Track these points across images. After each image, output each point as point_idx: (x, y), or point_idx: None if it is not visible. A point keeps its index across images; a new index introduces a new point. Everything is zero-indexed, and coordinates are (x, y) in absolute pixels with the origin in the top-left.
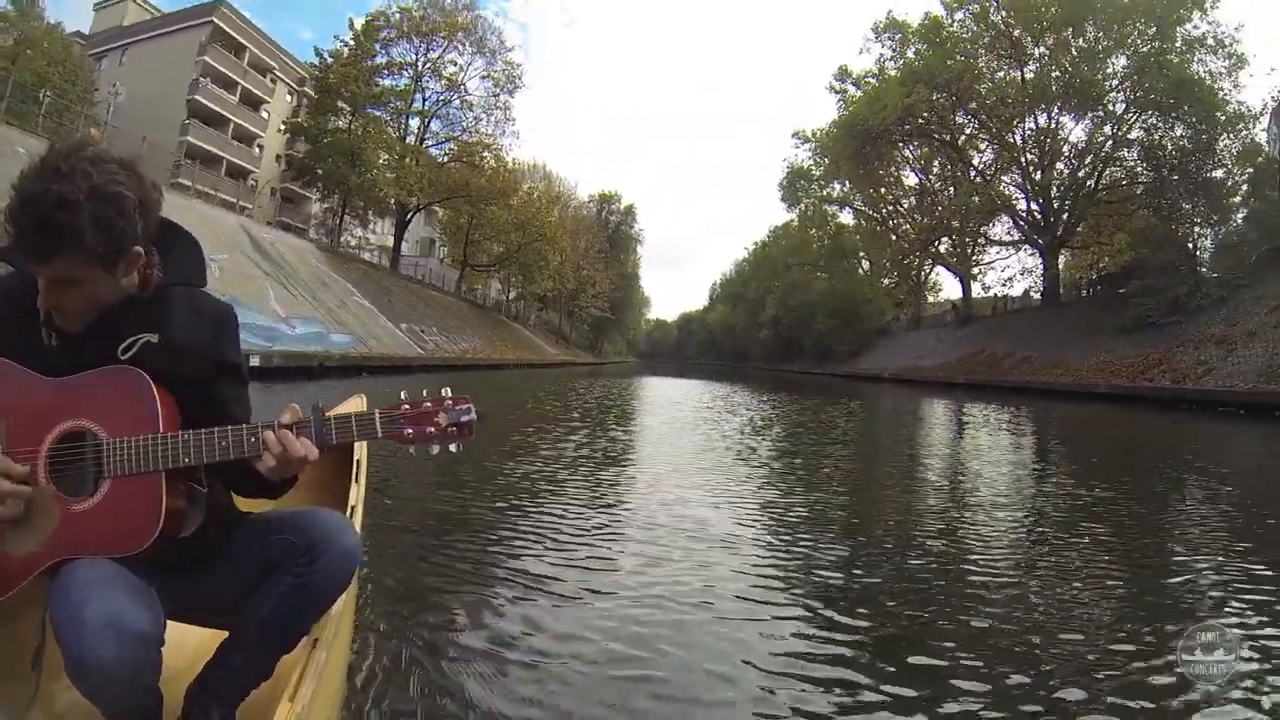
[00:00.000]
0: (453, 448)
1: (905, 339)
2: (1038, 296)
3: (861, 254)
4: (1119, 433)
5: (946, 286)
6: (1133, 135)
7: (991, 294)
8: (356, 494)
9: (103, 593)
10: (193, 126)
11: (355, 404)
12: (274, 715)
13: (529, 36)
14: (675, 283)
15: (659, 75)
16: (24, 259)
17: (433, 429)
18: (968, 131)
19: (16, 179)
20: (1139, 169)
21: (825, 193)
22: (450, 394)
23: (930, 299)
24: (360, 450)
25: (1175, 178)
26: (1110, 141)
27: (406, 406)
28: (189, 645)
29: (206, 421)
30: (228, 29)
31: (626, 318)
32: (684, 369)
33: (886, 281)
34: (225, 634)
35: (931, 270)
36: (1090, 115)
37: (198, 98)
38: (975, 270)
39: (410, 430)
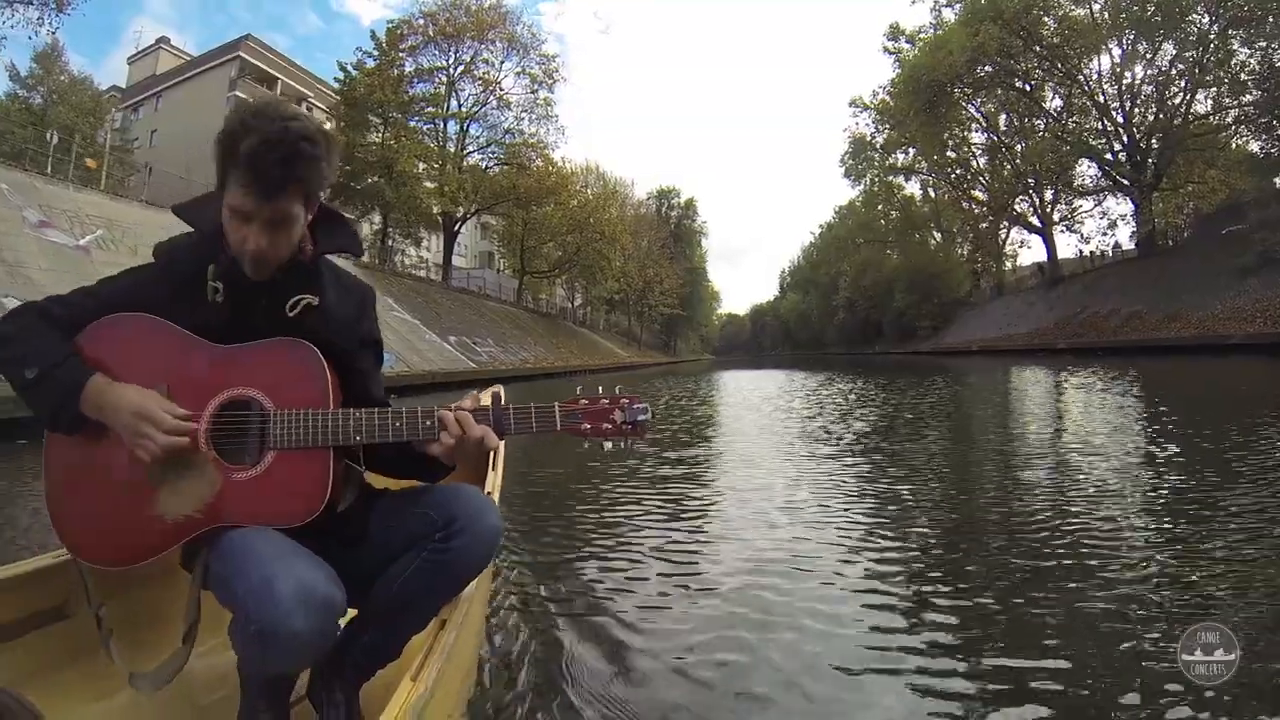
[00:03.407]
0: (624, 445)
1: (991, 308)
2: (1131, 247)
3: (932, 225)
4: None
5: (1025, 251)
6: (1218, 57)
7: (1078, 251)
8: (494, 481)
9: (290, 564)
10: None
11: (472, 400)
12: (396, 693)
13: (565, 47)
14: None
15: (692, 79)
16: (257, 197)
17: (609, 425)
18: (1038, 76)
19: (233, 129)
20: (1229, 93)
21: (890, 162)
22: (625, 393)
23: (1009, 265)
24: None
25: None
26: (1196, 67)
27: (585, 402)
28: None
29: (348, 397)
30: (256, 62)
31: (698, 313)
32: (760, 360)
33: (964, 250)
34: (354, 612)
35: (1008, 234)
36: (1171, 40)
37: None
38: (1061, 226)
39: (588, 425)
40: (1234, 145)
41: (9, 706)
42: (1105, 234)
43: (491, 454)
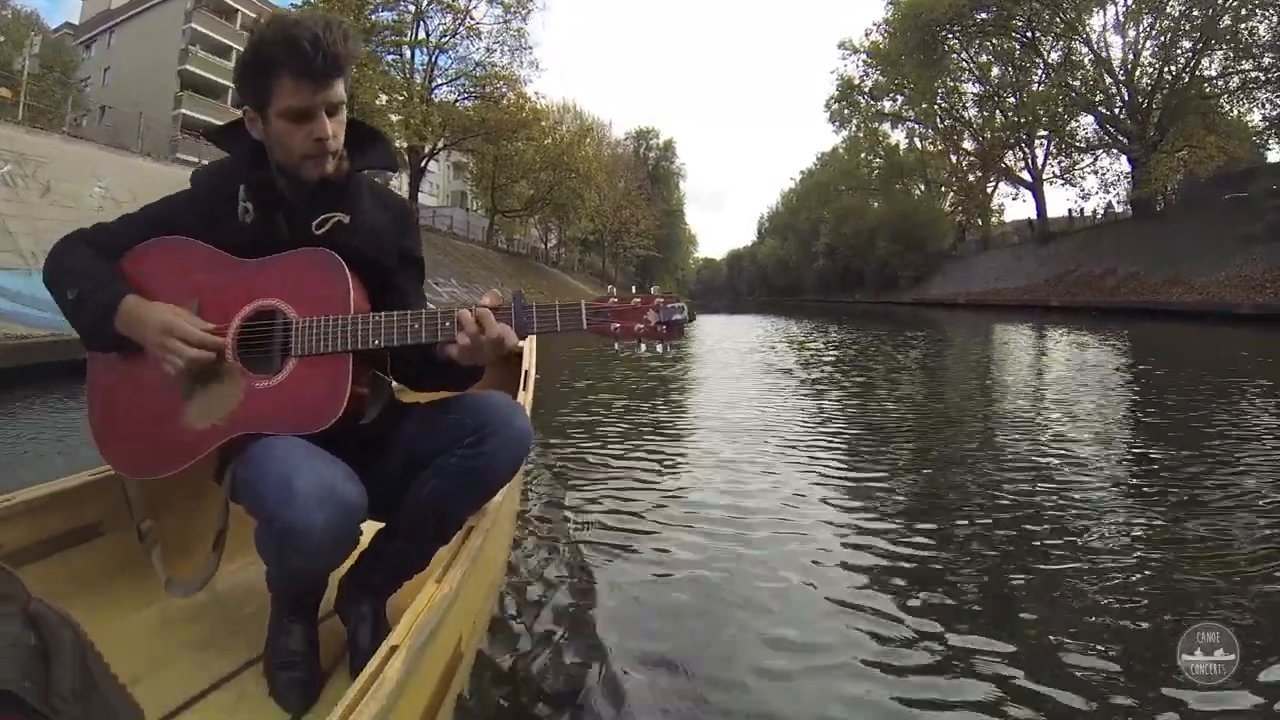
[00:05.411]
0: (659, 348)
1: (977, 261)
2: (1122, 209)
3: (917, 175)
4: None
5: (1012, 205)
6: (1226, 21)
7: (1068, 211)
8: (525, 400)
9: (309, 463)
10: (186, 98)
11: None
12: (420, 595)
13: None
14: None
15: (675, 17)
16: (314, 85)
17: (641, 326)
18: (1040, 23)
19: (266, 40)
20: (1242, 56)
21: (877, 108)
22: (660, 292)
23: (995, 220)
24: (529, 359)
25: None
26: (1200, 30)
27: (614, 300)
28: None
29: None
30: None
31: (675, 256)
32: (737, 306)
33: (950, 199)
34: (383, 525)
35: (996, 187)
36: None
37: (188, 68)
38: (1059, 181)
39: (617, 325)
40: (1236, 113)
41: (44, 615)
42: (1108, 190)
43: (523, 377)
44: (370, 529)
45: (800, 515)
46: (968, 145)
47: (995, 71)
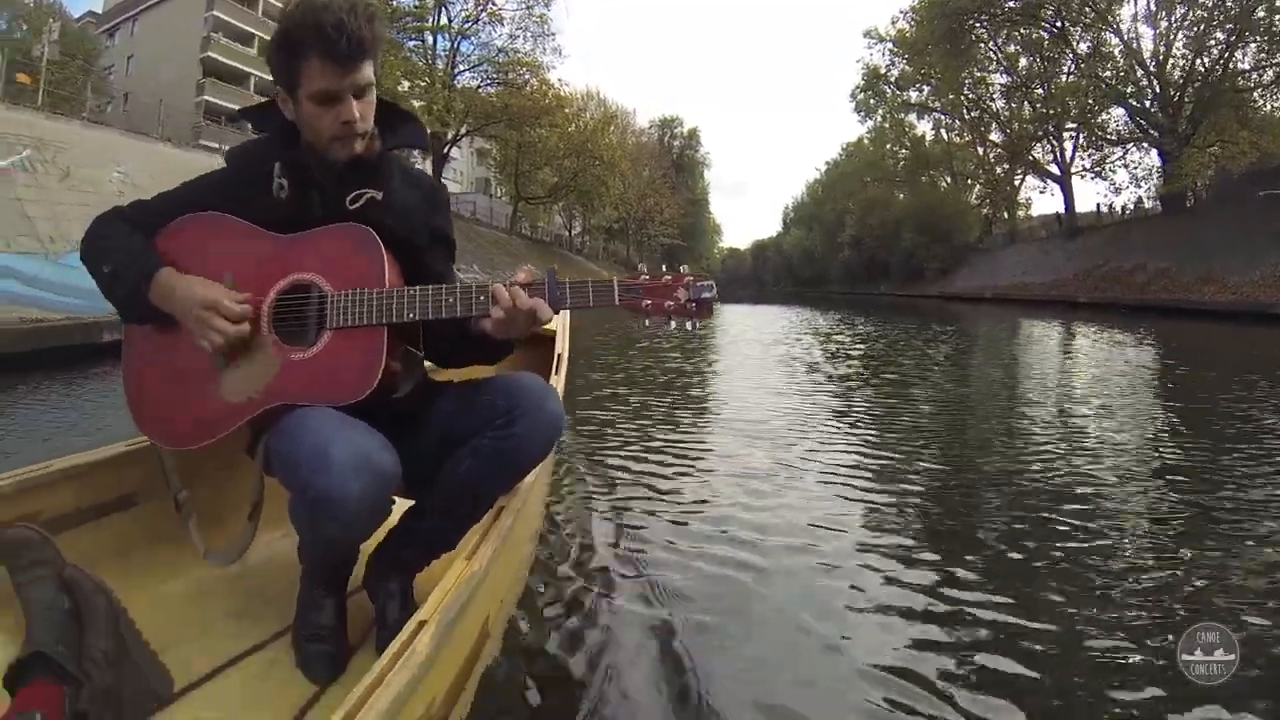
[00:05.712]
0: (689, 325)
1: (1003, 255)
2: (1151, 204)
3: (943, 167)
4: None
5: (1038, 201)
6: (1260, 13)
7: (1096, 206)
8: (557, 383)
9: (344, 433)
10: (209, 85)
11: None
12: (449, 571)
13: None
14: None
15: (700, 4)
16: (339, 68)
17: (671, 303)
18: (1069, 13)
19: (297, 23)
20: (1276, 48)
21: (903, 99)
22: (690, 270)
23: (1022, 214)
24: (562, 343)
25: None
26: (1233, 22)
27: (645, 278)
28: None
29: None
30: None
31: (699, 245)
32: (762, 296)
33: (977, 190)
34: (413, 503)
35: (1023, 180)
36: None
37: (211, 54)
38: (1089, 175)
39: (649, 302)
40: (1270, 108)
41: (78, 581)
42: (1139, 185)
43: (555, 360)
44: (399, 507)
45: (831, 543)
46: (995, 137)
47: (1023, 62)
